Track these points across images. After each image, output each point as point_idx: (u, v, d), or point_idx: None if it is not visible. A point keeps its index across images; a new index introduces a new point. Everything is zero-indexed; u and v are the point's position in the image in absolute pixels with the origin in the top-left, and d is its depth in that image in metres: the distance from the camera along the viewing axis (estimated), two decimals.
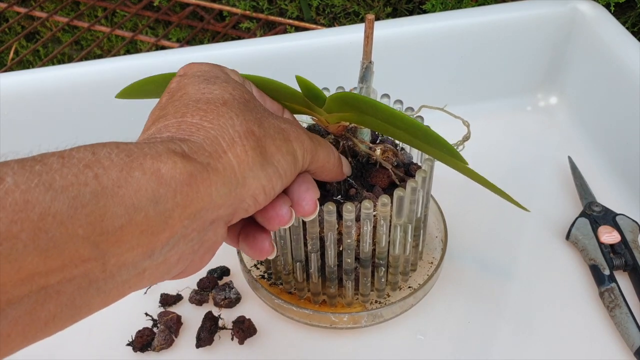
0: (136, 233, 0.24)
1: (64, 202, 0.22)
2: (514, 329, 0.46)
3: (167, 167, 0.25)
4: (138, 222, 0.24)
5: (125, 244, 0.24)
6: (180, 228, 0.26)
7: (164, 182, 0.25)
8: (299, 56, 0.59)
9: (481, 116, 0.62)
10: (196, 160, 0.27)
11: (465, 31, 0.61)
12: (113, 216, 0.23)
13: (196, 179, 0.26)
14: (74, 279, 0.23)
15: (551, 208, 0.55)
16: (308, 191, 0.34)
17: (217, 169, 0.28)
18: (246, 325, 0.46)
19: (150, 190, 0.24)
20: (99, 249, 0.23)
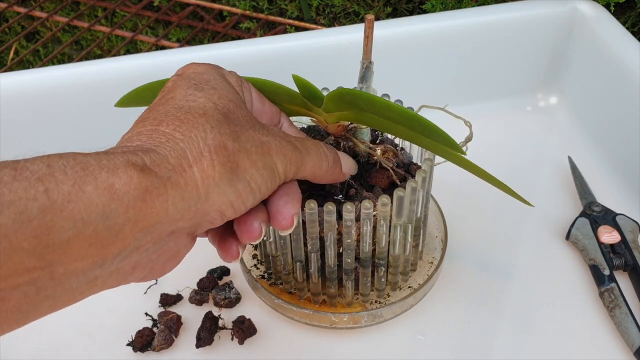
0: (84, 245, 0.24)
1: (9, 217, 0.22)
2: (513, 328, 0.46)
3: (122, 182, 0.25)
4: (86, 236, 0.24)
5: (73, 255, 0.24)
6: (132, 240, 0.26)
7: (116, 197, 0.25)
8: (299, 56, 0.59)
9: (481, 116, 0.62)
10: (156, 174, 0.27)
11: (465, 31, 0.61)
12: (60, 230, 0.23)
13: (151, 194, 0.26)
14: (19, 287, 0.23)
15: (551, 208, 0.55)
16: (286, 205, 0.33)
17: (178, 183, 0.27)
18: (246, 325, 0.46)
19: (101, 205, 0.24)
20: (44, 259, 0.23)
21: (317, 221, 0.39)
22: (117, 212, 0.25)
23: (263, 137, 0.31)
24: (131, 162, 0.26)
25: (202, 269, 0.50)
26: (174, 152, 0.28)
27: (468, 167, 0.38)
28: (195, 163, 0.28)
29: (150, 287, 0.49)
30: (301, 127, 0.46)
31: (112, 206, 0.25)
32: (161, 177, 0.27)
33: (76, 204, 0.24)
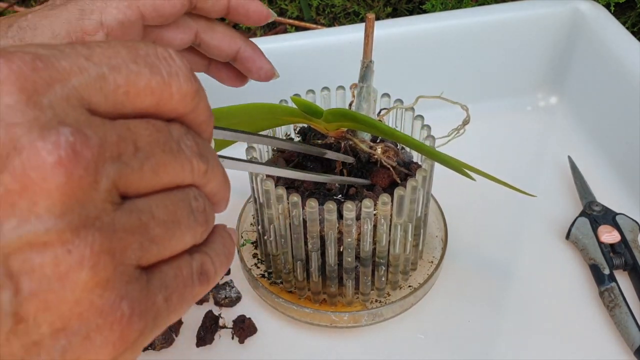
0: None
1: None
2: (514, 328, 0.46)
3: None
4: None
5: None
6: None
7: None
8: (299, 56, 0.59)
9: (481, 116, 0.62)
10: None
11: (465, 31, 0.61)
12: None
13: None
14: None
15: (551, 208, 0.55)
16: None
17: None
18: (246, 325, 0.46)
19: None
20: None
21: (317, 220, 0.40)
22: None
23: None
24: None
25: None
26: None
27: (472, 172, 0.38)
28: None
29: None
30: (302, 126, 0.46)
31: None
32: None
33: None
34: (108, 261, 0.18)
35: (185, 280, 0.21)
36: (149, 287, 0.19)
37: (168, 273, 0.20)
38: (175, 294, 0.20)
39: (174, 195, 0.20)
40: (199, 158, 0.21)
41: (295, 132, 0.48)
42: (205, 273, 0.22)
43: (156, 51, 0.20)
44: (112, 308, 0.18)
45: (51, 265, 0.17)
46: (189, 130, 0.21)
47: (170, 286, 0.20)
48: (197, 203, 0.21)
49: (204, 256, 0.22)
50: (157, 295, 0.19)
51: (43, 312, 0.17)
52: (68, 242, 0.17)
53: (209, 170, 0.21)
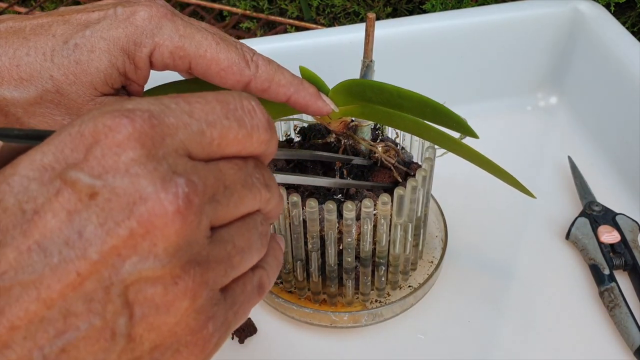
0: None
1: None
2: (513, 328, 0.46)
3: None
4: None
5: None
6: None
7: None
8: (299, 56, 0.59)
9: (481, 116, 0.62)
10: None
11: (465, 31, 0.61)
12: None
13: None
14: None
15: (551, 208, 0.55)
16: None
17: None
18: (246, 325, 0.46)
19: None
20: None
21: (317, 220, 0.39)
22: None
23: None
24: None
25: None
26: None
27: (473, 158, 0.38)
28: None
29: None
30: (302, 125, 0.46)
31: None
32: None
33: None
34: (204, 290, 0.20)
35: (249, 295, 0.24)
36: (225, 306, 0.22)
37: (236, 290, 0.23)
38: (241, 308, 0.23)
39: (247, 223, 0.23)
40: (266, 187, 0.24)
41: (295, 132, 0.48)
42: (262, 285, 0.25)
43: (242, 104, 0.22)
44: (201, 328, 0.21)
45: (161, 295, 0.19)
46: (258, 163, 0.24)
47: (238, 302, 0.23)
48: (262, 227, 0.24)
49: (262, 270, 0.25)
50: (230, 311, 0.22)
51: (148, 332, 0.20)
52: (176, 276, 0.19)
53: (271, 197, 0.24)
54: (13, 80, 0.32)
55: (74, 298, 0.18)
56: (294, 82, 0.36)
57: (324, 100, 0.37)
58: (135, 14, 0.33)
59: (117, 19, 0.33)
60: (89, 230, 0.18)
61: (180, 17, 0.34)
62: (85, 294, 0.18)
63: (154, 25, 0.33)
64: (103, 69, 0.32)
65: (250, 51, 0.35)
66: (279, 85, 0.35)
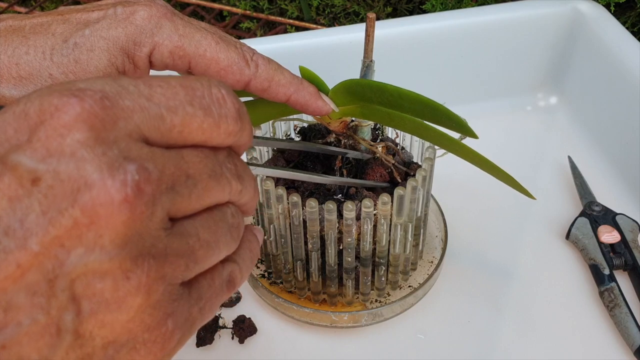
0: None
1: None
2: (513, 328, 0.46)
3: None
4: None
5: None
6: None
7: None
8: (300, 56, 0.59)
9: (481, 116, 0.62)
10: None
11: (465, 31, 0.61)
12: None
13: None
14: None
15: (551, 208, 0.55)
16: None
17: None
18: (246, 325, 0.46)
19: None
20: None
21: (317, 220, 0.39)
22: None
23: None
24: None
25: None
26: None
27: (473, 159, 0.38)
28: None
29: None
30: (302, 125, 0.46)
31: None
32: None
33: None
34: (160, 285, 0.19)
35: (216, 289, 0.22)
36: (189, 301, 0.21)
37: (203, 285, 0.22)
38: (207, 304, 0.22)
39: (215, 215, 0.22)
40: (237, 179, 0.22)
41: (295, 132, 0.48)
42: (232, 280, 0.23)
43: (211, 92, 0.21)
44: (159, 325, 0.20)
45: (111, 290, 0.18)
46: (231, 153, 0.23)
47: (204, 297, 0.22)
48: (233, 220, 0.23)
49: (233, 264, 0.24)
50: (194, 306, 0.21)
51: (99, 329, 0.19)
52: (127, 270, 0.18)
53: (244, 188, 0.23)
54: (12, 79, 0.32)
55: (15, 291, 0.17)
56: (294, 82, 0.36)
57: (323, 100, 0.37)
58: (135, 13, 0.33)
59: (117, 19, 0.33)
60: (31, 218, 0.17)
61: (179, 16, 0.34)
62: (27, 286, 0.17)
63: (154, 25, 0.33)
64: (102, 68, 0.32)
65: (250, 51, 0.35)
66: (279, 85, 0.35)
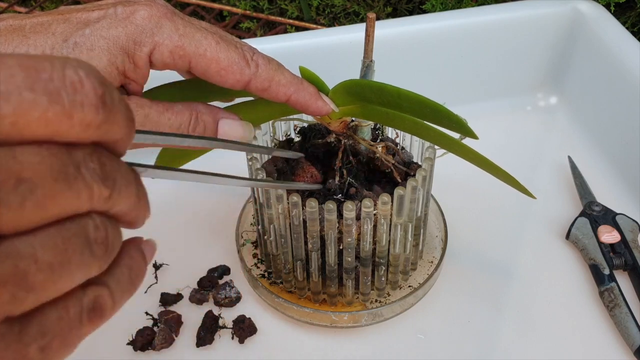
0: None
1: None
2: (514, 328, 0.46)
3: None
4: None
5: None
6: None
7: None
8: (299, 56, 0.59)
9: (481, 116, 0.62)
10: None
11: (465, 31, 0.61)
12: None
13: None
14: None
15: (551, 208, 0.55)
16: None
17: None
18: (246, 325, 0.46)
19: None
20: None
21: (317, 220, 0.39)
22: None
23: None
24: None
25: (203, 268, 0.50)
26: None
27: (473, 158, 0.38)
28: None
29: (150, 286, 0.49)
30: (302, 125, 0.46)
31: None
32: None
33: None
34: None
35: (71, 322, 0.18)
36: (20, 339, 0.16)
37: (50, 316, 0.17)
38: (55, 340, 0.17)
39: (66, 229, 0.17)
40: (102, 182, 0.18)
41: (295, 132, 0.48)
42: (98, 308, 0.19)
43: (63, 74, 0.17)
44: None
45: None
46: (95, 150, 0.18)
47: (50, 332, 0.17)
48: (97, 233, 0.18)
49: (101, 288, 0.19)
50: (31, 345, 0.17)
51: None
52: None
53: (114, 194, 0.18)
54: None
55: None
56: (294, 82, 0.36)
57: (323, 100, 0.37)
58: (135, 13, 0.33)
59: (117, 18, 0.33)
60: None
61: (180, 16, 0.34)
62: None
63: (154, 25, 0.33)
64: (102, 67, 0.32)
65: (250, 50, 0.35)
66: (279, 85, 0.35)
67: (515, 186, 0.40)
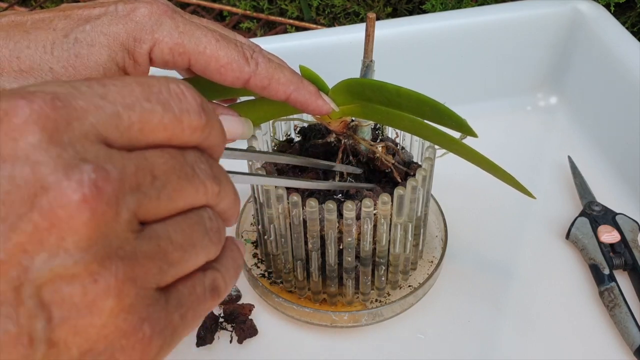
0: None
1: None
2: (513, 328, 0.46)
3: None
4: None
5: None
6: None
7: None
8: (300, 56, 0.59)
9: (481, 116, 0.62)
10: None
11: (465, 31, 0.61)
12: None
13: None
14: None
15: (551, 208, 0.55)
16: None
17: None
18: (247, 325, 0.46)
19: None
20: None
21: (317, 219, 0.39)
22: None
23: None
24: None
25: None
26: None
27: (473, 158, 0.38)
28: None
29: None
30: (302, 125, 0.46)
31: None
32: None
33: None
34: (131, 287, 0.19)
35: (198, 297, 0.22)
36: (167, 307, 0.20)
37: (183, 291, 0.21)
38: (190, 311, 0.21)
39: (190, 218, 0.21)
40: (212, 180, 0.22)
41: (295, 131, 0.48)
42: (216, 288, 0.23)
43: (169, 88, 0.21)
44: (135, 330, 0.19)
45: (80, 295, 0.18)
46: (203, 154, 0.22)
47: (185, 304, 0.21)
48: (211, 223, 0.22)
49: (215, 272, 0.23)
50: (174, 313, 0.20)
51: (73, 337, 0.18)
52: (94, 272, 0.18)
53: (221, 191, 0.22)
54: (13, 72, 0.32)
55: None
56: (294, 81, 0.36)
57: (323, 100, 0.37)
58: (136, 10, 0.33)
59: (118, 15, 0.33)
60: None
61: (180, 14, 0.34)
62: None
63: (154, 22, 0.33)
64: (102, 63, 0.33)
65: (250, 48, 0.35)
66: (279, 83, 0.35)
67: (515, 186, 0.40)
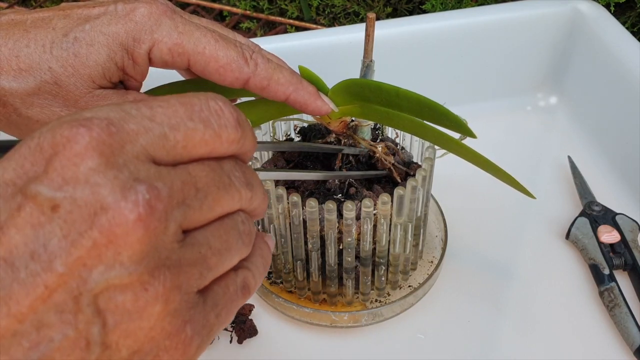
0: None
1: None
2: (513, 328, 0.46)
3: None
4: None
5: None
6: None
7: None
8: (299, 56, 0.59)
9: (481, 116, 0.62)
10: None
11: (465, 31, 0.61)
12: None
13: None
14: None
15: (551, 208, 0.55)
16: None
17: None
18: (247, 326, 0.46)
19: None
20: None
21: (317, 220, 0.39)
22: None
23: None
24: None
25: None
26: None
27: (472, 158, 0.38)
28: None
29: None
30: (302, 125, 0.46)
31: None
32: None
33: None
34: (176, 293, 0.20)
35: (231, 296, 0.23)
36: (204, 308, 0.22)
37: (218, 292, 0.23)
38: (224, 309, 0.23)
39: (226, 223, 0.23)
40: (246, 187, 0.23)
41: (295, 132, 0.48)
42: (247, 286, 0.24)
43: (208, 105, 0.22)
44: (178, 331, 0.21)
45: (132, 302, 0.19)
46: (237, 162, 0.24)
47: (220, 303, 0.23)
48: (244, 227, 0.24)
49: (246, 271, 0.24)
50: (211, 313, 0.22)
51: (124, 339, 0.20)
52: (145, 282, 0.20)
53: (253, 195, 0.24)
54: (12, 71, 0.32)
55: (45, 310, 0.19)
56: (293, 81, 0.36)
57: (323, 100, 0.37)
58: (135, 10, 0.33)
59: (117, 15, 0.33)
60: (53, 242, 0.19)
61: (180, 14, 0.34)
62: (55, 305, 0.19)
63: (153, 22, 0.33)
64: (101, 62, 0.33)
65: (249, 49, 0.35)
66: (278, 84, 0.35)
67: (515, 186, 0.40)
